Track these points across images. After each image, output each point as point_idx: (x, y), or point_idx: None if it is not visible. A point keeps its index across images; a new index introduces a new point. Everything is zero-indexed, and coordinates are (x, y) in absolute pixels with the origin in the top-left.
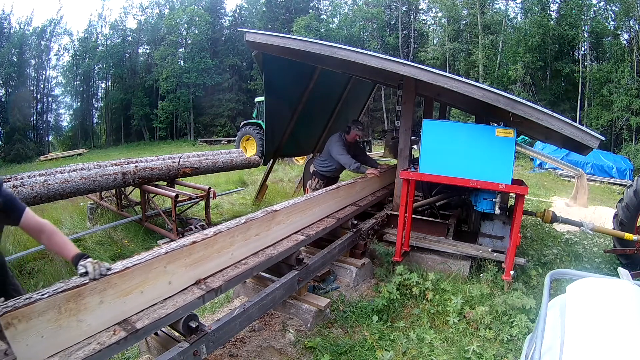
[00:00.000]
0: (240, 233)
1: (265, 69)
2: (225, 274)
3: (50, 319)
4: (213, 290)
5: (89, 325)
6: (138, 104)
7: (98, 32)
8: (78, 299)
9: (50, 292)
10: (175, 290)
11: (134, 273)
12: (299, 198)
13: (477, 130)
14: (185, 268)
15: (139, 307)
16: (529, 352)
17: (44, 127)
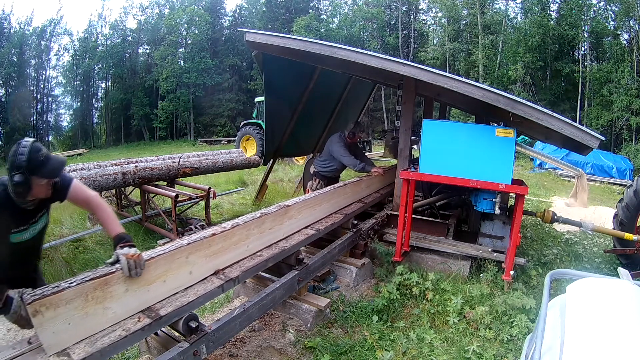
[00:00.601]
0: (255, 226)
1: (265, 69)
2: (242, 265)
3: (77, 307)
4: (231, 280)
5: (114, 312)
6: (138, 104)
7: (98, 32)
8: (105, 287)
9: (78, 281)
10: (195, 279)
11: (158, 263)
12: (308, 194)
13: (477, 130)
14: (205, 259)
15: (162, 296)
16: (529, 352)
17: (44, 127)
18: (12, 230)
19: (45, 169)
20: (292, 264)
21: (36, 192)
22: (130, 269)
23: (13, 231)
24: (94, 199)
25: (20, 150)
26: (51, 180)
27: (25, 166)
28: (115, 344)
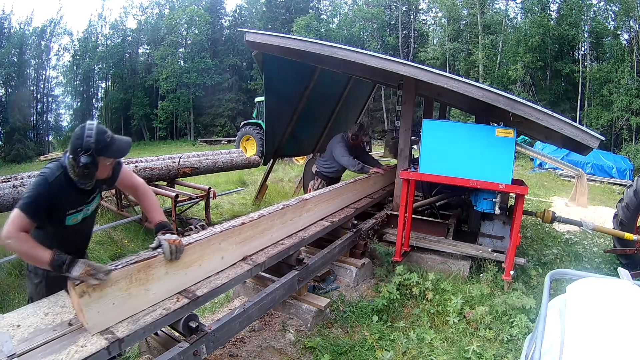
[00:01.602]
0: (278, 217)
1: (265, 69)
2: (267, 252)
3: (121, 288)
4: (258, 265)
5: (154, 293)
6: (138, 104)
7: (98, 32)
8: (147, 270)
9: (123, 264)
10: (226, 264)
11: (195, 248)
12: (322, 190)
13: (477, 130)
14: (235, 245)
15: (197, 278)
16: (529, 352)
17: (44, 127)
18: (68, 211)
19: (112, 149)
20: (292, 264)
21: (101, 172)
22: (171, 253)
23: (69, 212)
24: (141, 186)
25: (87, 133)
26: (115, 160)
27: (93, 147)
28: (157, 322)
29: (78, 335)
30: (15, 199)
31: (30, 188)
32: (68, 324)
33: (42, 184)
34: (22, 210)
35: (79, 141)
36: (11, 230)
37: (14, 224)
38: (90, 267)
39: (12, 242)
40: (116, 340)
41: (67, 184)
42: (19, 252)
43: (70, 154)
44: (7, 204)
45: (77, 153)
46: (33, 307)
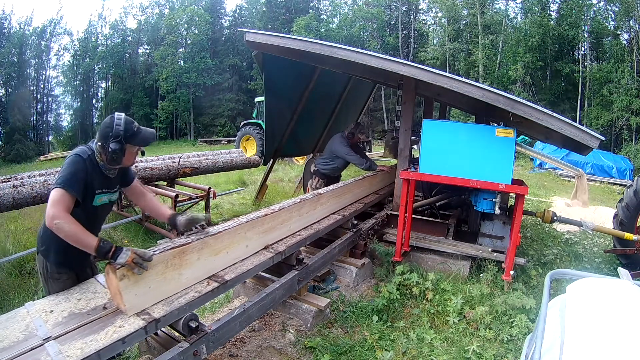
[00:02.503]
0: (296, 210)
1: (265, 69)
2: (286, 241)
3: (158, 272)
4: (279, 253)
5: (186, 278)
6: (138, 104)
7: (98, 32)
8: (181, 256)
9: (160, 249)
10: (250, 252)
11: (224, 237)
12: (334, 185)
13: (477, 130)
14: (258, 235)
15: (224, 265)
16: (529, 352)
17: (44, 127)
18: (97, 190)
19: (138, 137)
20: (292, 264)
21: (127, 159)
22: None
23: (97, 192)
24: (148, 192)
25: (117, 122)
26: (140, 149)
27: (122, 135)
28: (191, 303)
29: (114, 317)
30: (15, 198)
31: (65, 167)
32: (103, 308)
33: (77, 160)
34: (64, 186)
35: (109, 129)
36: (58, 211)
37: (58, 204)
38: (135, 255)
39: (60, 224)
40: (153, 321)
41: (95, 166)
42: (67, 233)
43: (99, 141)
44: (7, 204)
45: (107, 139)
46: (64, 294)
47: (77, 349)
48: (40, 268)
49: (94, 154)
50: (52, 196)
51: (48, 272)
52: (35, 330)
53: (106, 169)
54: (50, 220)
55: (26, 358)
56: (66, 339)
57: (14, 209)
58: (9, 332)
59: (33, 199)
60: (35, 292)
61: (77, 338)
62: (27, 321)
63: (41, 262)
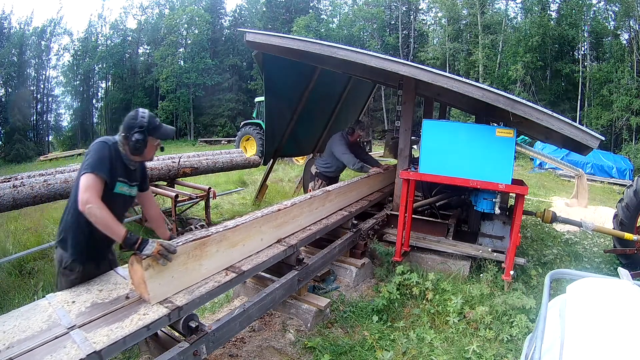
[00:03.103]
0: (306, 206)
1: (265, 69)
2: (297, 236)
3: (180, 263)
4: (291, 247)
5: (206, 268)
6: (138, 104)
7: (98, 32)
8: (202, 247)
9: (183, 241)
10: (264, 245)
11: (241, 230)
12: (341, 183)
13: (477, 130)
14: (272, 229)
15: (241, 257)
16: (529, 352)
17: (44, 127)
18: (118, 177)
19: (160, 131)
20: (292, 264)
21: (148, 151)
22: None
23: (119, 179)
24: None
25: (141, 115)
26: (160, 143)
27: (146, 127)
28: (210, 292)
29: (138, 306)
30: (15, 198)
31: (92, 153)
32: (125, 298)
33: (103, 146)
34: (93, 170)
35: (134, 121)
36: (91, 196)
37: (90, 189)
38: (161, 247)
39: (93, 208)
40: (176, 308)
41: (118, 155)
42: (99, 218)
43: (123, 131)
44: (7, 204)
45: (131, 130)
46: (84, 286)
47: (103, 335)
48: (57, 261)
49: (116, 144)
50: (83, 181)
51: (61, 267)
52: (58, 320)
53: (128, 159)
54: (83, 205)
55: (51, 346)
56: (91, 327)
57: (14, 209)
58: (32, 323)
59: (33, 199)
60: (35, 292)
61: (102, 326)
62: (49, 312)
63: (59, 256)
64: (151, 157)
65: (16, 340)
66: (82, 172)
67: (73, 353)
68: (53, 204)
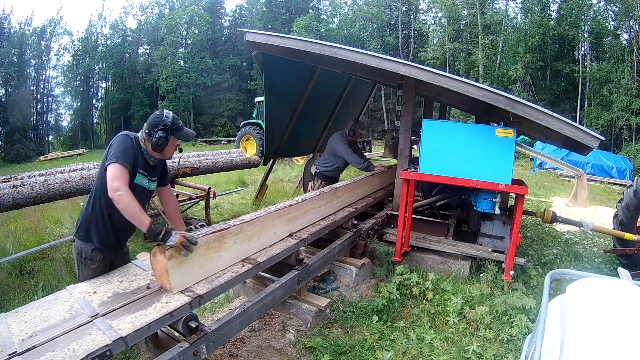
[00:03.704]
0: (316, 202)
1: (265, 69)
2: (307, 230)
3: (200, 254)
4: (303, 240)
5: (224, 260)
6: (138, 104)
7: (98, 32)
8: (221, 239)
9: (204, 233)
10: (277, 238)
11: (256, 223)
12: (348, 180)
13: (477, 130)
14: (284, 223)
15: (256, 249)
16: (529, 352)
17: (44, 127)
18: (139, 169)
19: (182, 132)
20: (292, 264)
21: (168, 149)
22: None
23: (139, 170)
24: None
25: (166, 115)
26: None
27: (169, 126)
28: (229, 282)
29: (159, 295)
30: (15, 198)
31: (116, 145)
32: (146, 287)
33: (126, 139)
34: (119, 160)
35: (159, 119)
36: (120, 183)
37: (118, 177)
38: (184, 239)
39: (123, 195)
40: (197, 297)
41: (140, 148)
42: (127, 206)
43: (147, 128)
44: (7, 204)
45: (155, 127)
46: (104, 277)
47: (128, 322)
48: (76, 254)
49: (138, 138)
50: (111, 171)
51: (82, 258)
52: (81, 309)
53: (148, 155)
54: (112, 191)
55: (76, 333)
56: (114, 315)
57: (14, 209)
58: (54, 312)
59: (33, 199)
60: (36, 292)
61: (125, 314)
62: (70, 302)
63: (77, 247)
64: (170, 156)
65: (39, 329)
66: (107, 162)
67: (99, 339)
68: (53, 204)
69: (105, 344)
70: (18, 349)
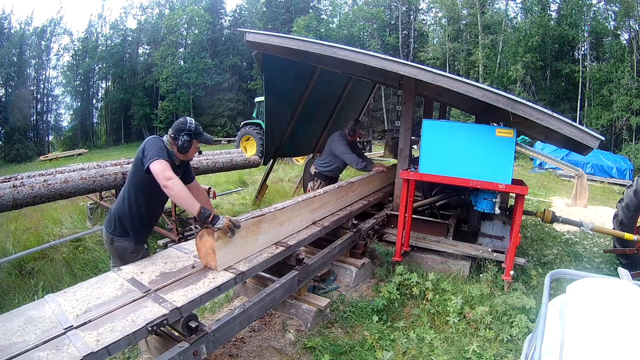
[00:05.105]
0: (334, 194)
1: (265, 69)
2: (328, 219)
3: (242, 236)
4: (325, 227)
5: (260, 242)
6: (138, 104)
7: (98, 32)
8: (259, 224)
9: (245, 218)
10: (303, 226)
11: (287, 211)
12: (362, 175)
13: (477, 130)
14: (309, 213)
15: (286, 234)
16: (529, 352)
17: (44, 127)
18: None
19: (203, 136)
20: (292, 263)
21: (191, 151)
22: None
23: None
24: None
25: (189, 121)
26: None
27: (193, 130)
28: (266, 261)
29: (205, 272)
30: (15, 198)
31: (151, 146)
32: (191, 267)
33: (158, 141)
34: (161, 157)
35: (184, 125)
36: (171, 174)
37: (167, 169)
38: (230, 222)
39: (176, 182)
40: (240, 273)
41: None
42: (178, 192)
43: (173, 133)
44: (7, 204)
45: (181, 132)
46: (147, 260)
47: (181, 295)
48: (120, 253)
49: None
50: (158, 166)
51: (129, 253)
52: (131, 287)
53: (174, 156)
54: (166, 180)
55: (132, 307)
56: (166, 290)
57: (14, 209)
58: (105, 291)
59: (33, 199)
60: (36, 292)
61: (177, 289)
62: (119, 281)
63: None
64: (192, 157)
65: (92, 305)
66: (150, 160)
67: (155, 310)
68: (53, 204)
69: (162, 314)
70: (74, 323)
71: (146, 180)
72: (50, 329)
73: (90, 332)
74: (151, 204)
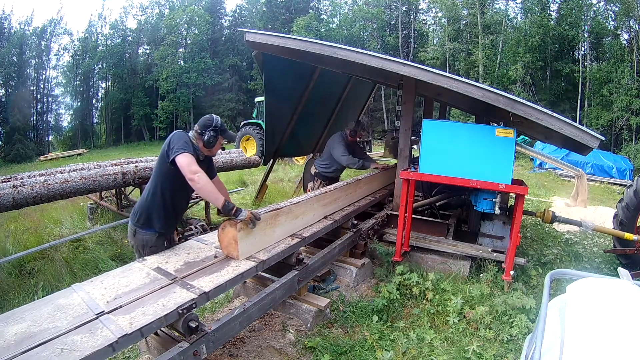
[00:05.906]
0: (343, 191)
1: (265, 69)
2: (337, 214)
3: (261, 228)
4: (336, 221)
5: (278, 234)
6: (138, 104)
7: (98, 32)
8: (276, 217)
9: (264, 211)
10: (315, 219)
11: (301, 205)
12: (368, 173)
13: (477, 130)
14: (321, 207)
15: (300, 227)
16: (529, 352)
17: (44, 127)
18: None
19: (228, 134)
20: (292, 263)
21: (215, 147)
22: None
23: None
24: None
25: (215, 119)
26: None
27: (219, 127)
28: (284, 251)
29: (227, 261)
30: (15, 198)
31: (177, 140)
32: (214, 257)
33: (183, 135)
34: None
35: (210, 122)
36: (197, 167)
37: (192, 162)
38: (252, 215)
39: (202, 175)
40: (260, 262)
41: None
42: (204, 185)
43: (199, 129)
44: (7, 204)
45: (207, 128)
46: (170, 251)
47: (207, 282)
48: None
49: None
50: (184, 159)
51: (148, 247)
52: (158, 275)
53: (198, 150)
54: (192, 174)
55: (160, 293)
56: (193, 277)
57: (14, 209)
58: (133, 279)
59: (33, 199)
60: (36, 292)
61: (202, 276)
62: (145, 270)
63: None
64: (215, 153)
65: (121, 292)
66: (175, 153)
67: (184, 295)
68: (53, 204)
69: (191, 298)
70: (105, 308)
71: (172, 172)
72: (82, 314)
73: (123, 316)
74: (176, 196)
